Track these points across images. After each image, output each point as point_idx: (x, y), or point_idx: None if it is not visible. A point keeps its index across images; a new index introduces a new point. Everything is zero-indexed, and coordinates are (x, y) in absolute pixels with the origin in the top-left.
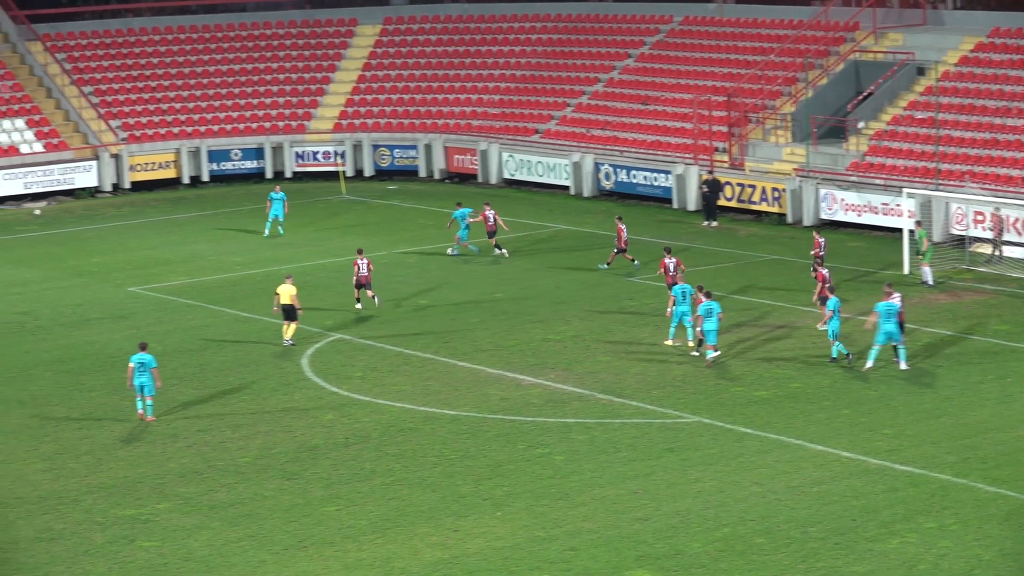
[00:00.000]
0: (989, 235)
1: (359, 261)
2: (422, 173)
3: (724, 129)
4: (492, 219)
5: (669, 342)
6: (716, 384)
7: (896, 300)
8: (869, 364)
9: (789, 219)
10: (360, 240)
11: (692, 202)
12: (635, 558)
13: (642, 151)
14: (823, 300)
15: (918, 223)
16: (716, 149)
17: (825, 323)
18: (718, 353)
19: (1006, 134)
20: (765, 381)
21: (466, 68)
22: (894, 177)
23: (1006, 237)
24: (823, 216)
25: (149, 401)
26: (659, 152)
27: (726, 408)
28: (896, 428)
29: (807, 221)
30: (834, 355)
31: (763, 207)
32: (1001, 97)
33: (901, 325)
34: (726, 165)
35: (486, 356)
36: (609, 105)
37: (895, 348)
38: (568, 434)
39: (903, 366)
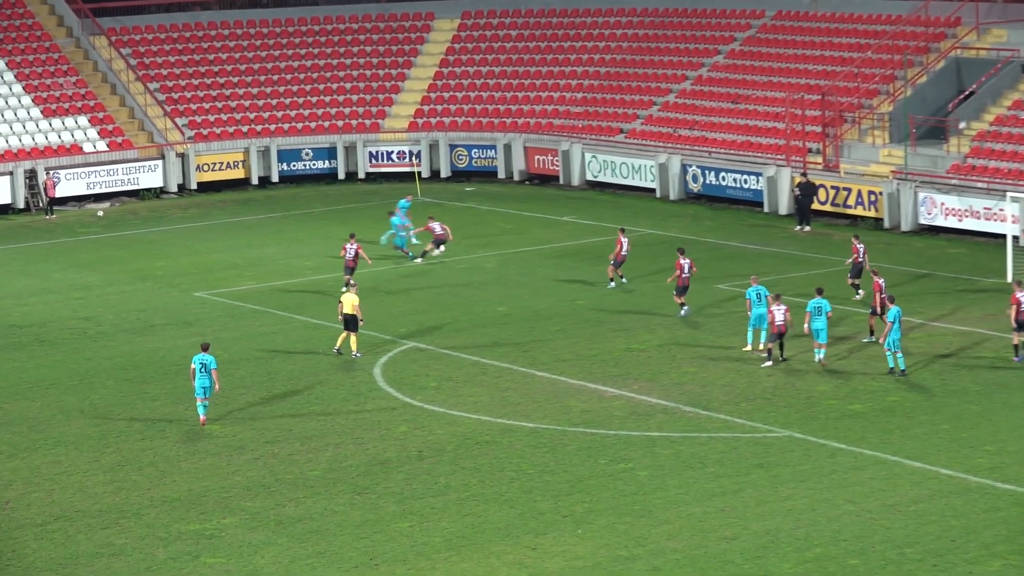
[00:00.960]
0: None
1: (348, 245)
2: (501, 174)
3: (818, 129)
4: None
5: (748, 348)
6: (808, 397)
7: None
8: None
9: (886, 224)
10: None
11: (784, 206)
12: None
13: (732, 152)
14: (879, 311)
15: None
16: (809, 150)
17: (885, 336)
18: (822, 354)
19: None
20: (859, 394)
21: (547, 64)
22: (997, 180)
23: None
24: (922, 221)
25: (205, 403)
26: (749, 153)
27: (818, 422)
28: (998, 444)
29: (905, 226)
30: (891, 365)
31: (859, 211)
32: None
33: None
34: (820, 167)
35: (566, 366)
36: (697, 104)
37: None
38: (652, 448)
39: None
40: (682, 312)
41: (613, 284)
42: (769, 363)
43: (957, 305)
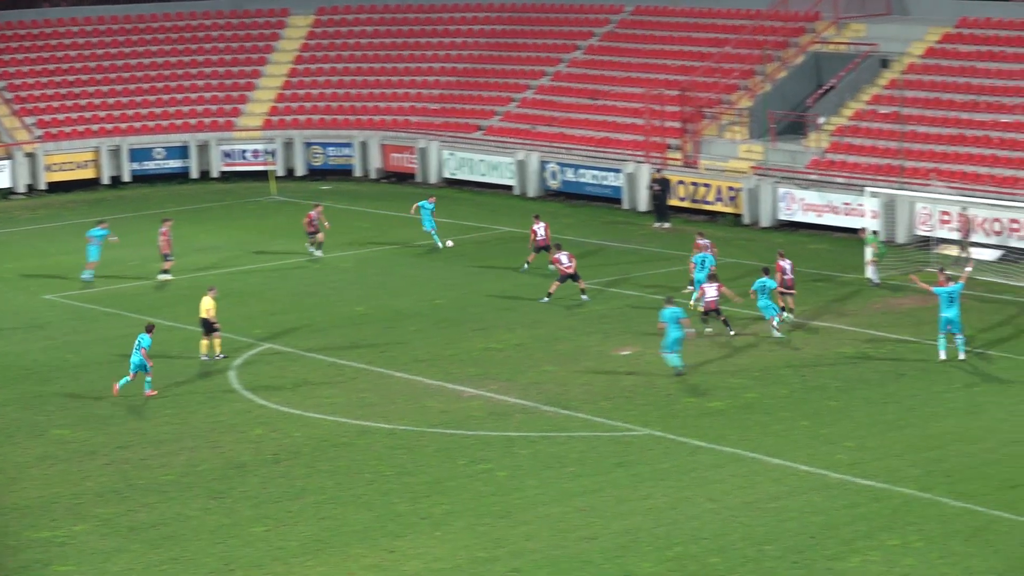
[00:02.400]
0: (956, 236)
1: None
2: (357, 172)
3: (677, 125)
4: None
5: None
6: (667, 395)
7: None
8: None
9: (746, 220)
10: (292, 244)
11: (643, 202)
12: None
13: (591, 148)
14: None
15: (863, 230)
16: (669, 146)
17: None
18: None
19: (973, 130)
20: (719, 391)
21: (404, 61)
22: (856, 175)
23: (973, 238)
24: (781, 217)
25: (128, 378)
26: (608, 150)
27: (678, 420)
28: (857, 440)
29: (765, 222)
30: (673, 364)
31: (718, 207)
32: (969, 91)
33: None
34: (679, 163)
35: (424, 366)
36: (556, 100)
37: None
38: (511, 448)
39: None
40: (544, 299)
41: (526, 267)
42: (709, 330)
43: (817, 301)
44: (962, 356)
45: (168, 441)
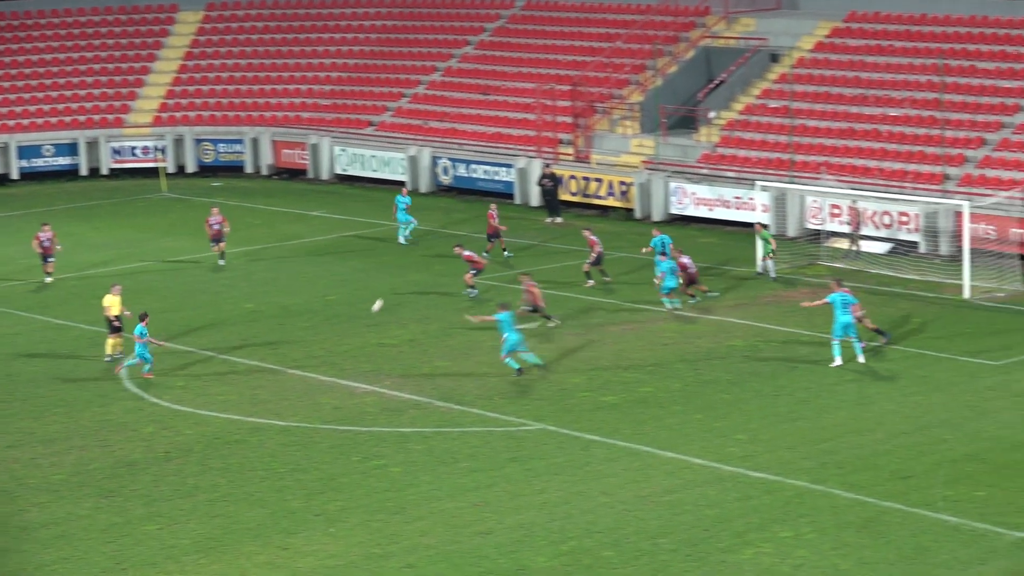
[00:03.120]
0: (846, 229)
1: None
2: (249, 169)
3: (569, 120)
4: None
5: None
6: (561, 389)
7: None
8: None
9: (637, 214)
10: (183, 242)
11: (535, 197)
12: (477, 574)
13: (482, 144)
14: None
15: (762, 225)
16: (560, 141)
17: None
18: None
19: (863, 123)
20: (613, 385)
21: (295, 57)
22: (747, 169)
23: (863, 231)
24: (673, 211)
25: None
26: (500, 145)
27: (572, 415)
28: (750, 433)
29: (656, 216)
30: (515, 366)
31: (610, 202)
32: (858, 85)
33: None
34: (571, 158)
35: (317, 363)
36: (447, 95)
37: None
38: (405, 444)
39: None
40: (471, 293)
41: (486, 255)
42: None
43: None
44: (861, 359)
45: (58, 440)
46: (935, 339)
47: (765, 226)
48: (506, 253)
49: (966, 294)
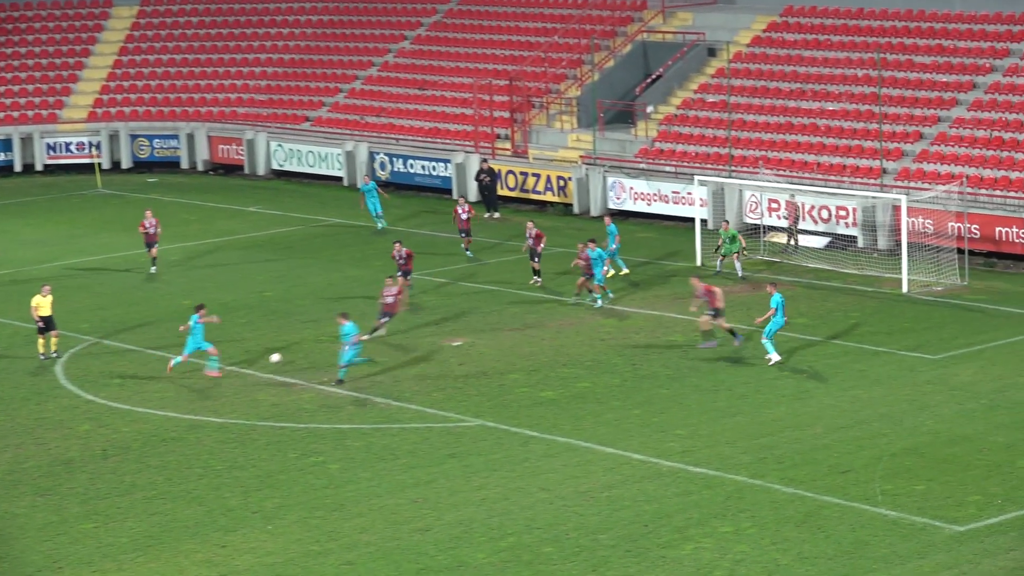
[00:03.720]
0: (784, 224)
1: None
2: (184, 164)
3: (506, 115)
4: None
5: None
6: (500, 385)
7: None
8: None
9: (575, 209)
10: (118, 238)
11: (473, 193)
12: (416, 571)
13: (420, 139)
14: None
15: (726, 222)
16: (498, 136)
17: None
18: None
19: (800, 117)
20: (551, 381)
21: (230, 52)
22: (685, 164)
23: (802, 225)
24: (611, 206)
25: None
26: (438, 140)
27: (510, 410)
28: (689, 428)
29: (595, 211)
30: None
31: (548, 197)
32: (795, 79)
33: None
34: (509, 153)
35: (255, 359)
36: (384, 90)
37: None
38: (343, 441)
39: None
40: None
41: (470, 253)
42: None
43: (647, 289)
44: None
45: None
46: (873, 333)
47: (726, 221)
48: (468, 252)
49: (904, 288)
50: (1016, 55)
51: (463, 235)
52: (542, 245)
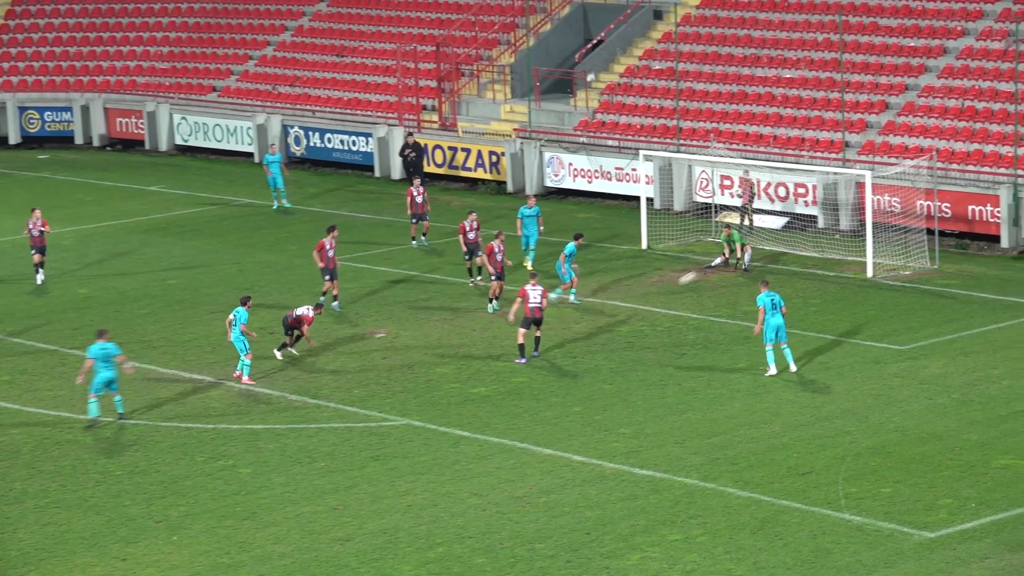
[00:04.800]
0: (738, 203)
1: None
2: (79, 140)
3: (433, 84)
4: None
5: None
6: (427, 381)
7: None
8: None
9: (510, 187)
10: (5, 221)
11: (397, 170)
12: None
13: (338, 111)
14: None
15: (728, 227)
16: (424, 108)
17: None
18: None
19: (755, 86)
20: (483, 376)
21: (128, 15)
22: (629, 137)
23: (757, 204)
24: (549, 184)
25: (247, 361)
26: (358, 112)
27: (439, 408)
28: (635, 427)
29: (531, 189)
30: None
31: (479, 174)
32: (749, 44)
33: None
34: (436, 126)
35: (157, 353)
36: (298, 57)
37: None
38: (255, 443)
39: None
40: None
41: (415, 243)
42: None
43: (588, 275)
44: (793, 368)
45: None
46: (836, 322)
47: (729, 226)
48: (422, 239)
49: (869, 272)
50: (990, 17)
51: (415, 220)
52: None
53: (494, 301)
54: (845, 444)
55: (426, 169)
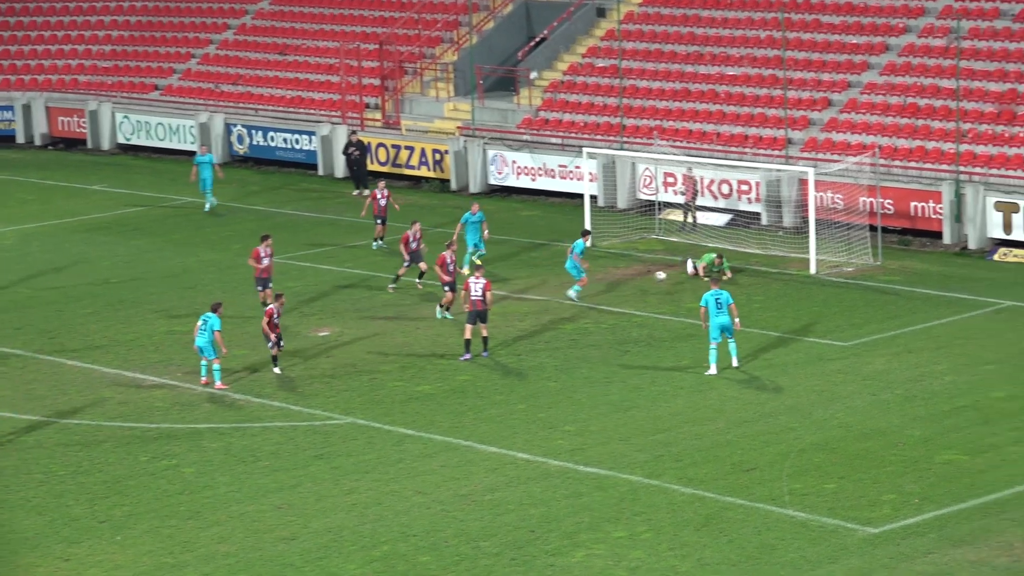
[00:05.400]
0: (681, 200)
1: None
2: (20, 139)
3: (376, 82)
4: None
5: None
6: (371, 379)
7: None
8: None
9: (453, 185)
10: None
11: (340, 168)
12: None
13: (281, 109)
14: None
15: (719, 257)
16: (367, 106)
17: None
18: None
19: (698, 83)
20: (427, 374)
21: (71, 14)
22: (572, 135)
23: (700, 202)
24: (492, 181)
25: (216, 366)
26: (301, 110)
27: (383, 406)
28: (579, 424)
29: (474, 187)
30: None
31: (423, 172)
32: (692, 41)
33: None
34: (379, 124)
35: (100, 353)
36: (241, 56)
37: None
38: (199, 442)
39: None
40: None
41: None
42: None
43: (532, 273)
44: (735, 363)
45: None
46: (779, 319)
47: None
48: (378, 243)
49: (812, 269)
50: (931, 14)
51: (380, 222)
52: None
53: (446, 310)
54: (789, 440)
55: (370, 167)
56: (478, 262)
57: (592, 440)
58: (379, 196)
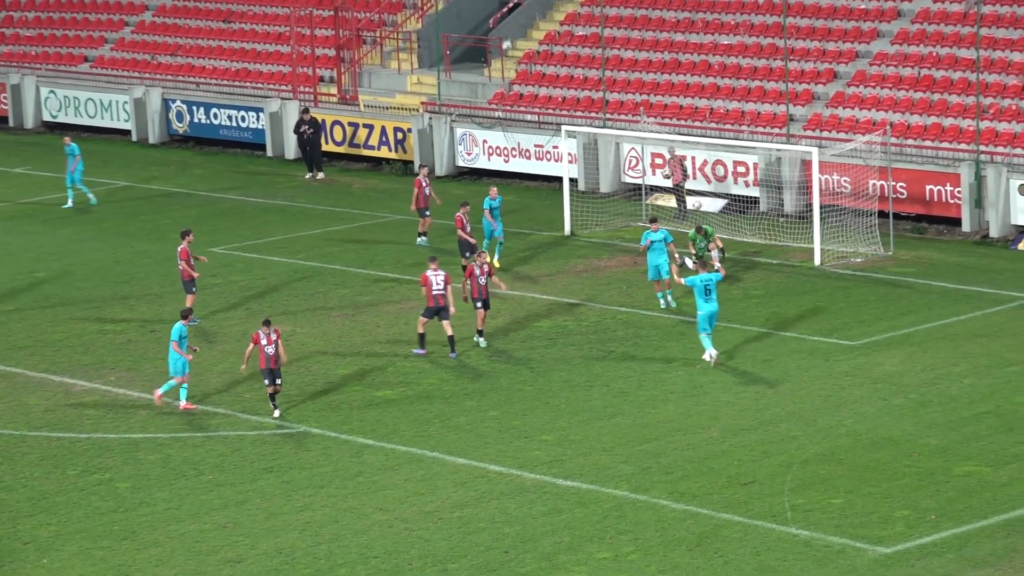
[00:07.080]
0: (669, 183)
1: None
2: None
3: (331, 53)
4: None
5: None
6: (326, 383)
7: None
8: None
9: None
10: None
11: (292, 149)
12: None
13: (225, 83)
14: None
15: (699, 228)
16: (321, 79)
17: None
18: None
19: (689, 54)
20: (389, 377)
21: None
22: (550, 111)
23: (691, 185)
24: (461, 163)
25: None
26: (247, 84)
27: (340, 414)
28: (558, 433)
29: (441, 170)
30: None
31: (384, 152)
32: (683, 7)
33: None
34: (335, 99)
35: (24, 355)
36: (180, 24)
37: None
38: (135, 454)
39: None
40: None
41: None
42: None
43: (506, 265)
44: (708, 356)
45: None
46: (780, 315)
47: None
48: (422, 239)
49: (816, 260)
50: None
51: (425, 214)
52: None
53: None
54: (791, 450)
55: (324, 148)
56: (497, 264)
57: (572, 450)
58: (424, 184)
